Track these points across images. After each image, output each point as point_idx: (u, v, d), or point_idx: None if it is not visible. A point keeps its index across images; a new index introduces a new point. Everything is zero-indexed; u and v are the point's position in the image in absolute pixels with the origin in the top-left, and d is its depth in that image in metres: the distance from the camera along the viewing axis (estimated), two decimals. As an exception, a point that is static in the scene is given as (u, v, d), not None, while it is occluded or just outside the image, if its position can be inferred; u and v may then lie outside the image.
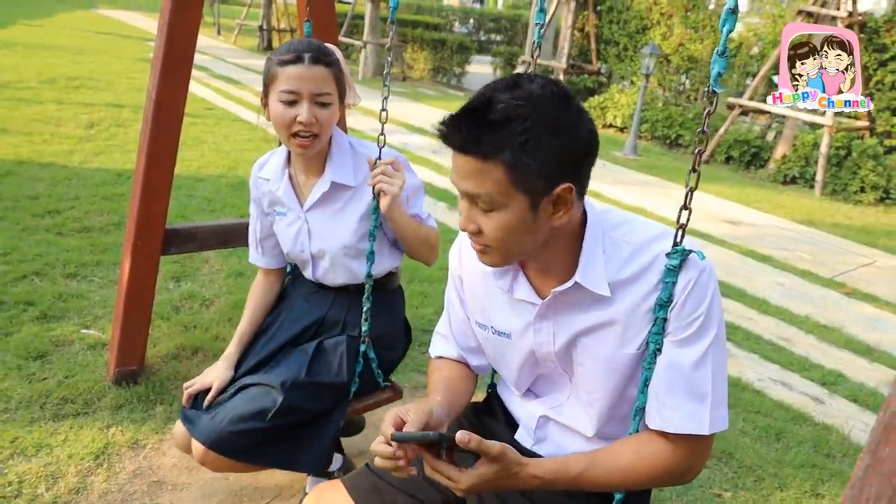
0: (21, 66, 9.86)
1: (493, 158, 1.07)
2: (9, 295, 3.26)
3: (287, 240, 1.98)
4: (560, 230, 1.18)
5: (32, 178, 4.99)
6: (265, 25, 17.29)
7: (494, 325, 1.35)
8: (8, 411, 2.48)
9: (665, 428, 1.19)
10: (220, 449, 1.71)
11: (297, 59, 1.72)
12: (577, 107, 1.11)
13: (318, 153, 1.87)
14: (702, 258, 1.16)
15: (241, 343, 1.97)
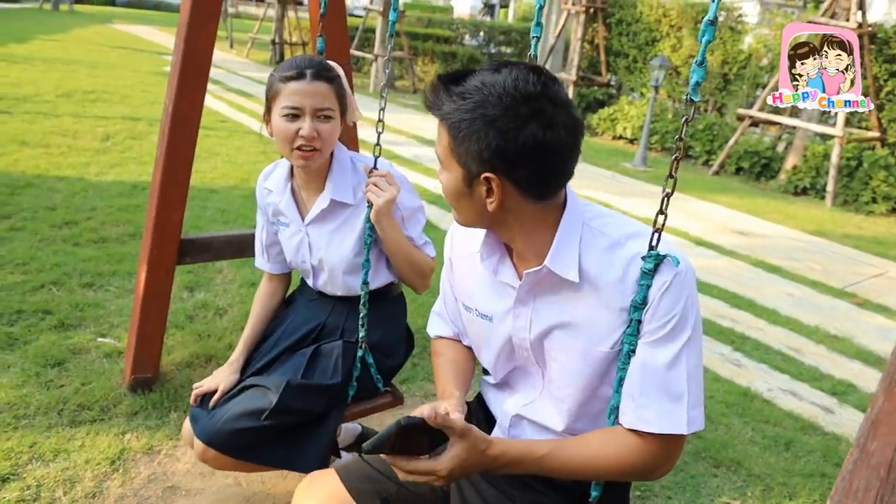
0: (39, 80, 10.03)
1: (442, 122, 1.19)
2: (27, 304, 3.33)
3: (289, 250, 2.05)
4: (514, 219, 1.24)
5: (50, 189, 5.09)
6: (277, 39, 17.46)
7: (479, 307, 1.39)
8: (27, 417, 2.53)
9: (644, 427, 1.21)
10: (218, 446, 1.77)
11: (300, 76, 1.78)
12: (528, 111, 1.12)
13: (320, 169, 1.92)
14: (676, 263, 1.19)
15: (245, 347, 2.04)
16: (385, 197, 1.82)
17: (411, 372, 3.19)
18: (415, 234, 1.98)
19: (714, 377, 3.48)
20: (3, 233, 4.16)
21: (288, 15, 17.44)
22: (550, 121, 1.13)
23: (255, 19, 17.68)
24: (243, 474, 2.39)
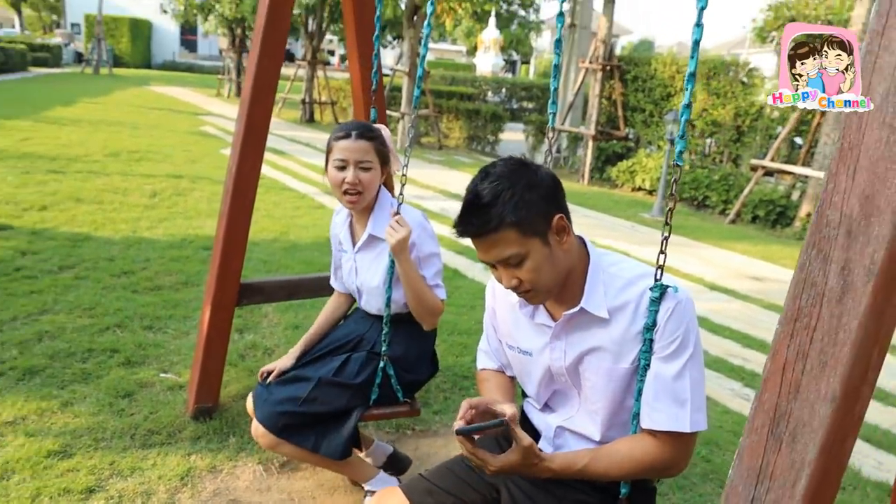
0: (88, 141, 10.70)
1: (501, 226, 1.45)
2: (96, 344, 3.71)
3: (345, 272, 2.54)
4: (572, 265, 1.55)
5: (107, 242, 5.54)
6: (307, 99, 18.26)
7: (520, 345, 1.72)
8: (104, 440, 2.87)
9: (653, 426, 1.52)
10: (267, 425, 2.23)
11: (347, 135, 2.28)
12: (530, 165, 1.52)
13: (366, 208, 2.40)
14: (676, 291, 1.51)
15: (305, 343, 2.53)
16: (396, 236, 2.20)
17: (443, 405, 3.49)
18: (427, 274, 2.35)
19: (724, 409, 3.73)
20: (69, 281, 4.58)
21: (317, 75, 18.25)
22: (539, 165, 1.55)
23: (286, 80, 18.59)
24: (296, 491, 2.69)
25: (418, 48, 13.68)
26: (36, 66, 28.84)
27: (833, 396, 0.95)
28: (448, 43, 44.66)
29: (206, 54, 42.92)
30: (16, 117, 12.64)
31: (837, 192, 0.97)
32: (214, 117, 16.65)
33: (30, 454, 2.69)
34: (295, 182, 9.19)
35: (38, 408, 3.03)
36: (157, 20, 35.22)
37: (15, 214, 6.09)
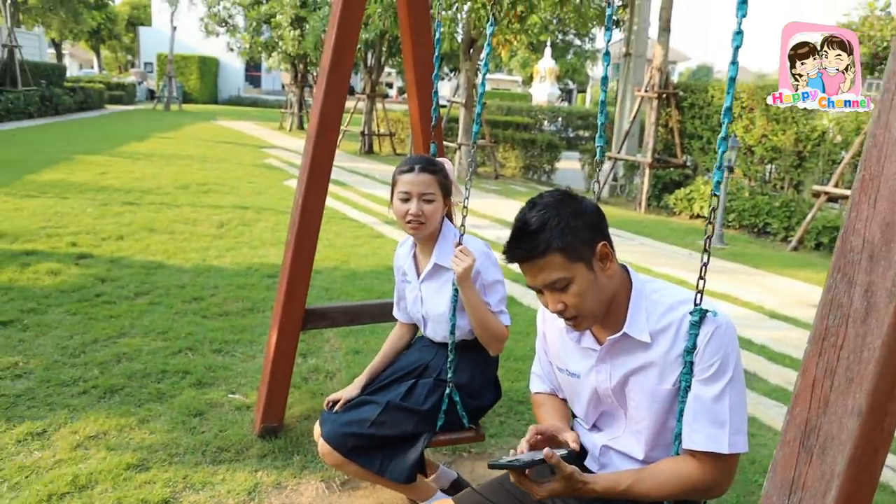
0: (160, 174, 11.24)
1: (548, 252, 1.56)
2: (170, 366, 3.92)
3: (409, 302, 2.63)
4: (615, 291, 1.64)
5: (179, 270, 5.84)
6: (366, 131, 18.73)
7: (568, 368, 1.81)
8: (178, 455, 3.05)
9: (692, 447, 1.58)
10: (334, 444, 2.31)
11: (411, 169, 2.41)
12: (576, 196, 1.65)
13: (430, 239, 2.49)
14: (715, 316, 1.58)
15: (370, 372, 2.62)
16: (462, 266, 2.30)
17: (499, 428, 3.56)
18: (492, 301, 2.43)
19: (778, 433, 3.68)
20: (144, 307, 4.86)
21: (376, 108, 18.72)
22: (583, 196, 1.67)
23: (346, 112, 19.13)
24: (355, 508, 2.81)
25: (475, 80, 13.94)
26: (112, 103, 30.40)
27: (859, 411, 1.02)
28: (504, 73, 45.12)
29: (269, 89, 44.44)
30: (95, 153, 13.38)
31: (860, 220, 1.04)
32: (277, 150, 17.22)
33: (111, 467, 2.88)
34: (355, 212, 9.44)
35: (118, 424, 3.24)
36: (224, 58, 36.69)
37: (95, 244, 6.48)
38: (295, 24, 19.64)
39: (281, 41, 21.20)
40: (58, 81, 25.30)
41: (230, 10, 26.63)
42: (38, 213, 7.63)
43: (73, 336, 4.24)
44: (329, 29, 3.04)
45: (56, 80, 25.09)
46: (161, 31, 36.97)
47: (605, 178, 12.61)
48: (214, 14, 26.80)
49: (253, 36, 24.29)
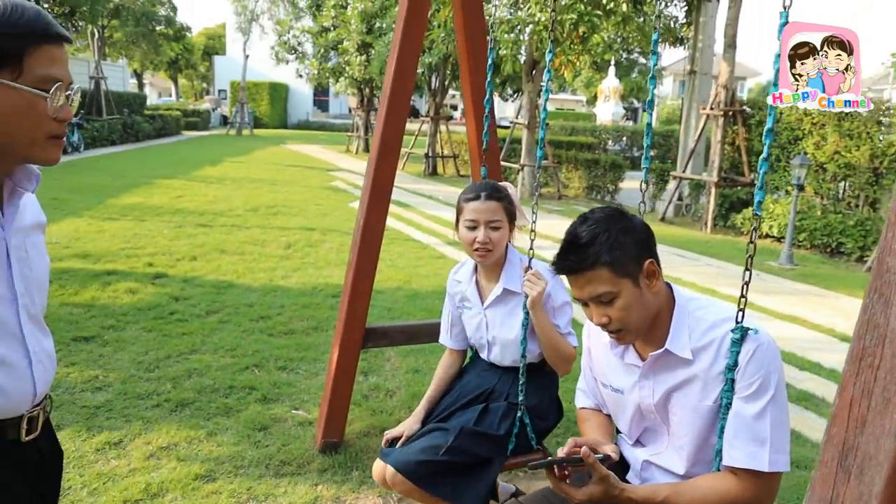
0: (231, 197, 11.67)
1: (596, 265, 1.60)
2: (237, 381, 4.08)
3: (471, 328, 2.60)
4: (660, 308, 1.66)
5: (247, 289, 6.05)
6: (430, 153, 18.98)
7: (612, 383, 1.83)
8: (243, 468, 3.17)
9: (732, 463, 1.58)
10: (405, 472, 2.27)
11: (476, 197, 2.42)
12: (626, 213, 1.68)
13: (496, 265, 2.50)
14: (757, 334, 1.58)
15: (428, 403, 2.59)
16: (536, 290, 2.32)
17: (555, 448, 3.56)
18: (561, 323, 2.44)
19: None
20: (215, 324, 5.06)
21: (440, 130, 18.96)
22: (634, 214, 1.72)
23: (411, 135, 19.44)
24: (412, 524, 2.86)
25: (537, 101, 13.98)
26: (188, 129, 31.72)
27: (897, 431, 1.02)
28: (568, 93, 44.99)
29: (336, 113, 45.53)
30: (171, 177, 14.00)
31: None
32: (344, 172, 17.62)
33: (181, 476, 3.02)
34: (418, 233, 9.58)
35: (188, 436, 3.39)
36: (294, 84, 37.86)
37: (170, 264, 6.78)
38: (361, 49, 20.15)
39: (348, 66, 21.77)
40: (139, 110, 26.58)
41: (299, 37, 27.54)
42: (118, 234, 8.04)
43: (148, 352, 4.46)
44: (390, 57, 3.16)
45: (137, 109, 26.37)
46: (234, 59, 38.45)
47: (669, 198, 12.41)
48: (284, 42, 27.76)
49: (321, 62, 25.03)
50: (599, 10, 10.85)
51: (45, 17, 1.21)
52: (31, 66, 1.18)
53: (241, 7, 34.35)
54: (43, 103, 1.21)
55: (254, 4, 33.95)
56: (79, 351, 4.40)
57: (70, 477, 2.97)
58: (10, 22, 1.16)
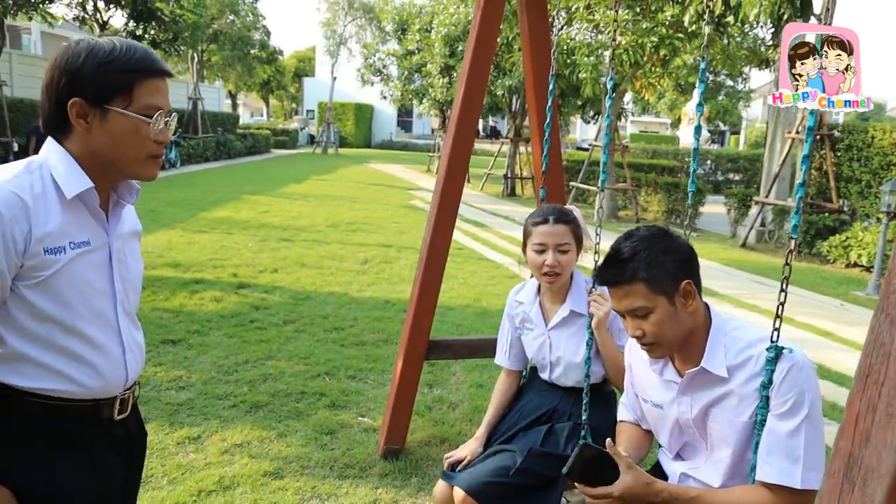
0: (314, 213, 12.12)
1: (633, 280, 1.68)
2: (308, 387, 4.29)
3: (532, 349, 2.62)
4: (695, 326, 1.73)
5: (323, 301, 6.32)
6: (509, 174, 19.11)
7: (652, 399, 1.89)
8: (309, 468, 3.35)
9: (765, 479, 1.62)
10: (476, 495, 2.29)
11: (545, 221, 2.47)
12: (671, 234, 1.75)
13: (561, 286, 2.54)
14: (791, 353, 1.63)
15: (488, 426, 2.61)
16: (602, 311, 2.38)
17: (612, 468, 3.59)
18: (624, 344, 2.48)
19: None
20: (291, 333, 5.32)
21: (519, 151, 19.07)
22: (678, 236, 1.78)
23: (490, 155, 19.63)
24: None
25: (616, 124, 13.92)
26: (277, 147, 32.98)
27: (897, 445, 1.07)
28: (651, 116, 44.31)
29: (419, 133, 46.36)
30: (259, 193, 14.65)
31: (901, 264, 1.10)
32: (423, 192, 17.94)
33: (251, 472, 3.23)
34: (492, 253, 9.70)
35: (260, 436, 3.61)
36: (378, 104, 38.80)
37: (253, 275, 7.15)
38: (444, 72, 20.56)
39: (431, 88, 22.23)
40: (231, 129, 27.90)
41: (385, 60, 28.32)
42: (207, 246, 8.51)
43: (228, 356, 4.74)
44: (458, 84, 3.32)
45: (230, 128, 27.68)
46: (322, 81, 39.76)
47: (751, 223, 12.08)
48: (370, 65, 28.59)
49: (405, 84, 25.62)
50: (681, 32, 10.77)
51: (152, 55, 1.44)
52: (139, 96, 1.41)
53: (331, 31, 35.64)
54: (146, 128, 1.43)
55: (342, 29, 35.19)
56: (166, 352, 4.73)
57: (152, 466, 3.21)
58: (124, 60, 1.39)
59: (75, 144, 1.42)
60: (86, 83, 1.37)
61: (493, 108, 20.94)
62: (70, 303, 1.41)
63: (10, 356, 1.39)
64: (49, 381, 1.41)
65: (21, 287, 1.36)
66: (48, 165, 1.41)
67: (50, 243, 1.37)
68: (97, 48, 1.39)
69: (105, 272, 1.49)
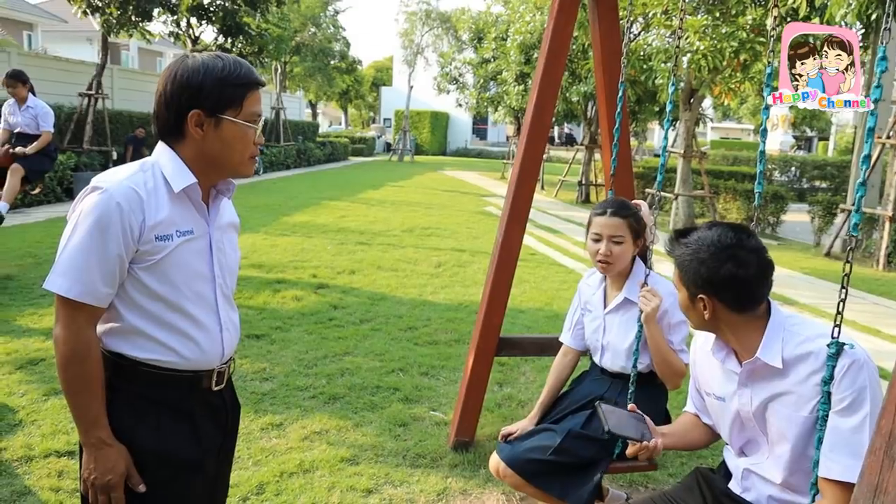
0: (390, 218, 12.43)
1: (675, 261, 1.84)
2: (383, 382, 4.48)
3: (589, 330, 2.81)
4: (727, 326, 1.83)
5: (398, 302, 6.53)
6: (584, 181, 19.00)
7: (714, 391, 1.96)
8: (383, 456, 3.52)
9: (828, 475, 1.66)
10: (515, 468, 2.53)
11: (603, 212, 2.64)
12: (726, 256, 1.76)
13: (621, 275, 2.70)
14: (853, 349, 1.67)
15: (542, 406, 2.82)
16: (650, 305, 2.48)
17: (679, 469, 3.61)
18: (675, 339, 2.58)
19: None
20: (367, 331, 5.54)
21: (594, 158, 18.94)
22: (743, 262, 1.77)
23: (565, 162, 19.57)
24: (532, 521, 3.06)
25: (694, 130, 13.68)
26: (354, 155, 33.75)
27: (935, 423, 1.14)
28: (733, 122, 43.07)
29: (494, 141, 46.52)
30: (337, 199, 15.10)
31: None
32: (497, 198, 18.05)
33: (329, 457, 3.43)
34: (565, 259, 9.73)
35: (337, 425, 3.81)
36: (454, 112, 39.19)
37: (331, 276, 7.44)
38: (519, 79, 20.64)
39: (506, 96, 22.35)
40: (311, 137, 28.74)
41: (460, 69, 28.62)
42: (288, 248, 8.89)
43: (308, 351, 4.99)
44: (531, 92, 3.44)
45: (310, 136, 28.53)
46: (399, 90, 40.46)
47: (836, 232, 11.65)
48: (446, 73, 28.97)
49: (480, 92, 25.83)
50: (763, 36, 10.53)
51: (253, 70, 1.67)
52: (246, 106, 1.63)
53: (408, 41, 36.28)
54: (252, 133, 1.65)
55: (419, 38, 35.77)
56: (251, 346, 5.01)
57: (239, 448, 3.45)
58: (235, 75, 1.60)
59: (188, 149, 1.63)
60: (206, 97, 1.58)
61: (568, 115, 20.87)
62: (176, 284, 1.62)
63: (126, 330, 1.60)
64: (157, 353, 1.62)
65: (136, 269, 1.58)
66: (159, 165, 1.63)
67: (160, 231, 1.58)
68: (212, 65, 1.60)
69: (206, 258, 1.69)
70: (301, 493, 3.12)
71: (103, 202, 1.52)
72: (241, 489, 3.11)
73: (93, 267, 1.52)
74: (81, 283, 1.51)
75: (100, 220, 1.51)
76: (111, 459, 1.57)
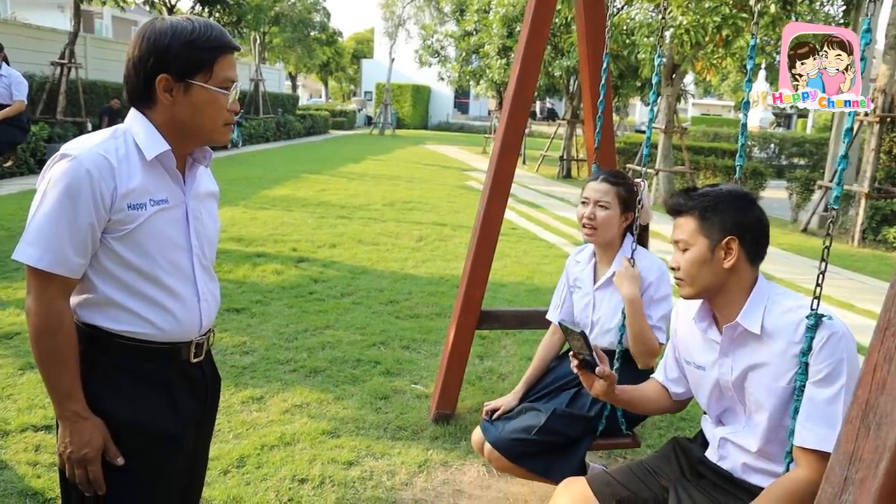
0: (370, 192, 12.36)
1: (688, 213, 1.82)
2: (364, 356, 4.48)
3: (578, 307, 2.79)
4: (731, 284, 1.81)
5: (379, 276, 6.51)
6: (565, 156, 19.00)
7: (695, 360, 1.98)
8: (364, 429, 3.53)
9: (803, 444, 1.69)
10: (501, 449, 2.51)
11: (595, 178, 2.67)
12: (751, 199, 1.83)
13: (610, 250, 2.67)
14: (831, 320, 1.69)
15: (526, 383, 2.80)
16: (626, 282, 2.47)
17: (657, 440, 3.66)
18: (654, 315, 2.55)
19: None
20: (348, 305, 5.53)
21: (576, 133, 18.94)
22: (762, 211, 1.84)
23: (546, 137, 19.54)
24: (512, 493, 3.09)
25: (675, 105, 13.70)
26: (335, 128, 33.45)
27: (911, 392, 1.15)
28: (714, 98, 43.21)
29: (476, 115, 46.28)
30: (317, 172, 14.97)
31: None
32: (479, 173, 18.01)
33: (310, 430, 3.43)
34: (546, 233, 9.75)
35: (318, 398, 3.81)
36: (436, 86, 38.89)
37: (312, 250, 7.39)
38: (502, 53, 20.50)
39: (488, 69, 22.22)
40: (291, 109, 28.42)
41: (442, 41, 28.37)
42: (268, 222, 8.81)
43: (288, 325, 4.97)
44: (513, 66, 3.41)
45: (290, 109, 28.20)
46: (380, 62, 40.07)
47: (813, 208, 11.79)
48: (428, 46, 28.71)
49: (462, 65, 25.64)
50: (746, 12, 10.52)
51: (225, 33, 1.60)
52: (217, 71, 1.57)
53: (389, 13, 35.86)
54: (224, 99, 1.60)
55: (401, 10, 35.35)
56: (231, 320, 4.98)
57: (219, 422, 3.43)
58: (204, 38, 1.54)
59: (159, 114, 1.58)
60: (172, 60, 1.53)
61: (550, 90, 20.82)
62: (150, 254, 1.58)
63: (100, 301, 1.57)
64: (133, 325, 1.59)
65: (109, 239, 1.54)
66: (131, 132, 1.58)
67: (133, 199, 1.54)
68: (180, 28, 1.54)
69: (182, 228, 1.65)
70: (282, 465, 3.12)
71: (73, 169, 1.47)
72: (222, 462, 3.11)
73: (63, 236, 1.48)
74: (52, 252, 1.47)
75: (69, 188, 1.47)
76: (87, 433, 1.55)
